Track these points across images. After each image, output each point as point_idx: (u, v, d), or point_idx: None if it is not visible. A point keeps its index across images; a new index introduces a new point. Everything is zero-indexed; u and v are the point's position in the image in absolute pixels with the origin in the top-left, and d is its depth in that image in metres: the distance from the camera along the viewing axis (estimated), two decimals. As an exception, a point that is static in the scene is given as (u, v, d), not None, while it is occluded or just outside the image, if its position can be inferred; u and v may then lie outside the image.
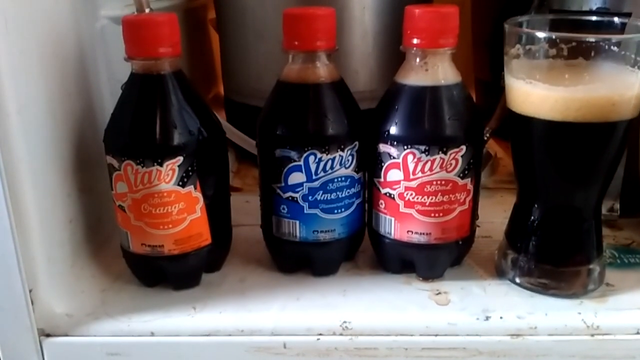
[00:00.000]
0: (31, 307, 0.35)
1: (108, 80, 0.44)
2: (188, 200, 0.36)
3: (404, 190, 0.36)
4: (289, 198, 0.37)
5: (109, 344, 0.36)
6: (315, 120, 0.36)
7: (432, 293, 0.38)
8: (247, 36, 0.56)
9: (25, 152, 0.34)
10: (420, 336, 0.35)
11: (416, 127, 0.35)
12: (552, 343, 0.35)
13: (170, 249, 0.37)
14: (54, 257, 0.37)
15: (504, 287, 0.39)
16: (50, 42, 0.37)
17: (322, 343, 0.35)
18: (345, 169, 0.37)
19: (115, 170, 0.35)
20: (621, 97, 0.32)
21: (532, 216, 0.37)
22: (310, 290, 0.39)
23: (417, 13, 0.35)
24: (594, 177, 0.35)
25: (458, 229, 0.38)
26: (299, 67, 0.37)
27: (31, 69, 0.35)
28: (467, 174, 0.36)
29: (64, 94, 0.38)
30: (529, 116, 0.34)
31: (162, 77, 0.35)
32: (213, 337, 0.36)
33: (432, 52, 0.35)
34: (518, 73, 0.34)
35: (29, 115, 0.34)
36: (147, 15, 0.38)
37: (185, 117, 0.35)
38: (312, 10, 0.36)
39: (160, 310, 0.37)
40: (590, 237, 0.37)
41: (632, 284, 0.39)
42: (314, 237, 0.38)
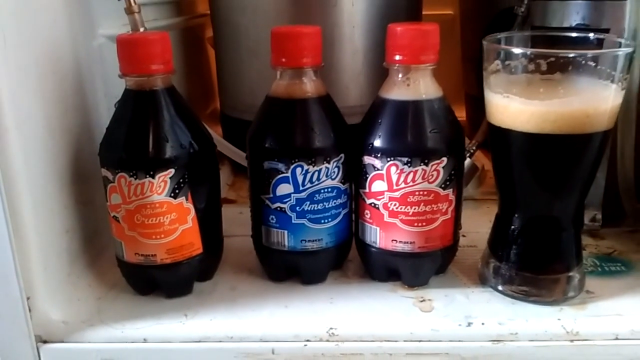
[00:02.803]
0: (29, 314, 0.36)
1: (105, 96, 0.46)
2: (180, 210, 0.37)
3: (388, 200, 0.38)
4: (277, 208, 0.38)
5: (104, 350, 0.37)
6: (302, 134, 0.37)
7: (416, 300, 0.39)
8: (242, 54, 0.58)
9: (23, 165, 0.35)
10: (404, 342, 0.36)
11: (399, 139, 0.37)
12: (533, 349, 0.36)
13: (162, 258, 0.38)
14: (51, 266, 0.38)
15: (487, 294, 0.40)
16: (49, 59, 0.39)
17: (309, 349, 0.36)
18: (332, 180, 0.38)
19: (110, 183, 0.37)
20: (595, 109, 0.34)
21: (513, 225, 0.38)
22: (299, 298, 0.40)
23: (398, 31, 0.36)
24: (571, 187, 0.36)
25: (441, 238, 0.39)
26: (286, 83, 0.38)
27: (30, 85, 0.36)
28: (448, 185, 0.37)
29: (62, 110, 0.40)
30: (507, 128, 0.35)
31: (155, 93, 0.37)
32: (204, 344, 0.37)
33: (414, 68, 0.36)
34: (496, 87, 0.36)
35: (27, 129, 0.36)
36: (140, 34, 0.40)
37: (176, 131, 0.37)
38: (299, 28, 0.37)
39: (153, 318, 0.38)
40: (569, 245, 0.38)
41: (612, 291, 0.40)
42: (302, 247, 0.39)
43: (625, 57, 0.34)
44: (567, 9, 0.45)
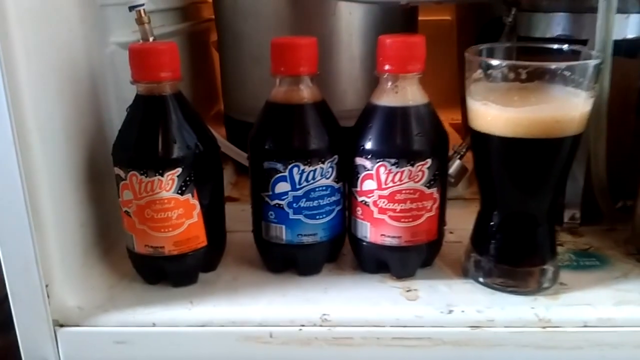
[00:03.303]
0: (47, 300, 0.39)
1: (116, 99, 0.49)
2: (186, 206, 0.41)
3: (377, 198, 0.41)
4: (275, 205, 0.42)
5: (116, 334, 0.40)
6: (298, 136, 0.41)
7: (403, 290, 0.42)
8: (245, 60, 0.61)
9: (43, 164, 0.39)
10: (390, 327, 0.40)
11: (387, 142, 0.40)
12: (508, 334, 0.39)
13: (170, 250, 0.41)
14: (67, 257, 0.41)
15: (468, 285, 0.43)
16: (66, 66, 0.42)
17: (303, 333, 0.40)
18: (326, 179, 0.42)
19: (122, 180, 0.40)
20: (565, 116, 0.37)
21: (492, 222, 0.42)
22: (295, 287, 0.43)
23: (387, 42, 0.39)
24: (545, 186, 0.40)
25: (427, 232, 0.42)
26: (285, 90, 0.41)
27: (49, 91, 0.40)
28: (433, 184, 0.41)
29: (77, 113, 0.43)
30: (485, 133, 0.39)
31: (164, 98, 0.40)
32: (207, 328, 0.40)
33: (401, 76, 0.40)
34: (476, 95, 0.39)
35: (47, 131, 0.39)
36: (150, 44, 0.43)
37: (183, 133, 0.40)
38: (297, 40, 0.41)
39: (161, 304, 0.41)
40: (544, 240, 0.41)
41: (584, 283, 0.43)
42: (298, 240, 0.43)
43: (593, 68, 0.37)
44: (549, 20, 0.48)
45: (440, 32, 0.80)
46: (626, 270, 0.45)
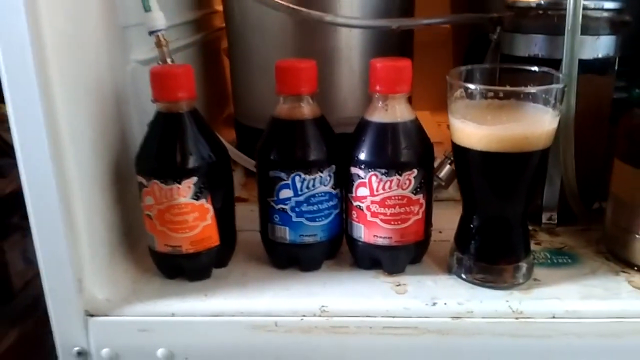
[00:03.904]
0: (79, 293, 0.45)
1: (136, 111, 0.54)
2: (201, 210, 0.46)
3: (370, 203, 0.46)
4: (280, 209, 0.47)
5: (139, 322, 0.46)
6: (300, 149, 0.46)
7: (393, 285, 0.48)
8: (253, 71, 0.67)
9: (76, 173, 0.44)
10: (381, 317, 0.45)
11: (378, 154, 0.45)
12: (485, 324, 0.44)
13: (187, 249, 0.47)
14: (96, 255, 0.47)
15: (452, 280, 0.48)
16: (93, 85, 0.47)
17: (304, 322, 0.45)
18: (325, 186, 0.47)
19: (144, 187, 0.46)
20: (533, 133, 0.42)
21: (473, 224, 0.47)
22: (298, 282, 0.49)
23: (378, 66, 0.45)
24: (517, 194, 0.45)
25: (414, 234, 0.47)
26: (288, 107, 0.47)
27: (80, 108, 0.45)
28: (419, 191, 0.46)
29: (103, 126, 0.49)
30: (464, 146, 0.44)
31: (181, 115, 0.45)
32: (220, 318, 0.46)
33: (390, 96, 0.45)
34: (456, 113, 0.44)
35: (79, 144, 0.45)
36: (168, 68, 0.48)
37: (198, 145, 0.46)
38: (298, 63, 0.46)
39: (178, 297, 0.47)
40: (518, 241, 0.46)
41: (556, 279, 0.48)
42: (300, 240, 0.48)
43: (558, 91, 0.42)
44: (528, 41, 0.53)
45: (437, 38, 0.85)
46: (594, 268, 0.50)
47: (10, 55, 0.40)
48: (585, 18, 0.49)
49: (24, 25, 0.39)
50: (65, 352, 0.47)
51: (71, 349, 0.46)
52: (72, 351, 0.46)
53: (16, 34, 0.39)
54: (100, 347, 0.46)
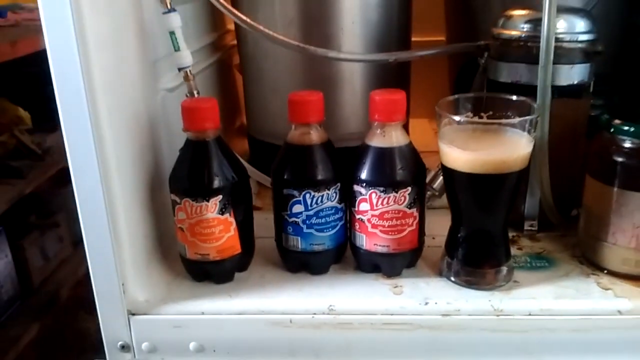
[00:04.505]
0: (123, 295, 0.53)
1: (166, 134, 0.61)
2: (225, 223, 0.54)
3: (370, 217, 0.53)
4: (293, 222, 0.55)
5: (173, 320, 0.53)
6: (309, 170, 0.53)
7: (391, 286, 0.55)
8: (265, 91, 0.74)
9: (119, 192, 0.51)
10: (381, 315, 0.52)
11: (377, 175, 0.52)
12: (470, 321, 0.52)
13: (213, 256, 0.54)
14: (136, 262, 0.54)
15: (442, 282, 0.55)
16: (131, 114, 0.55)
17: (315, 319, 0.53)
18: (331, 202, 0.54)
19: (177, 204, 0.53)
20: (509, 157, 0.49)
21: (460, 234, 0.54)
22: (308, 284, 0.56)
23: (376, 99, 0.52)
24: (497, 209, 0.52)
25: (409, 242, 0.55)
26: (299, 133, 0.54)
27: (121, 135, 0.52)
28: (413, 206, 0.53)
29: (140, 149, 0.56)
30: (451, 168, 0.51)
31: (207, 142, 0.53)
32: (242, 315, 0.53)
33: (387, 124, 0.52)
34: (443, 138, 0.51)
35: (121, 166, 0.52)
36: (197, 102, 0.55)
37: (223, 168, 0.53)
38: (307, 96, 0.53)
39: (207, 297, 0.54)
40: (499, 248, 0.54)
41: (533, 281, 0.55)
42: (310, 248, 0.55)
43: (531, 121, 0.49)
44: (510, 68, 0.59)
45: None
46: (568, 270, 0.57)
47: (65, 92, 0.47)
48: (561, 49, 0.56)
49: (77, 68, 0.46)
50: (111, 346, 0.55)
51: (116, 343, 0.54)
52: (117, 345, 0.54)
53: (71, 75, 0.46)
54: (140, 341, 0.54)
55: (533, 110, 0.51)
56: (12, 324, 1.67)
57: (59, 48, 0.46)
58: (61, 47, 0.46)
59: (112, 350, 0.55)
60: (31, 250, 1.81)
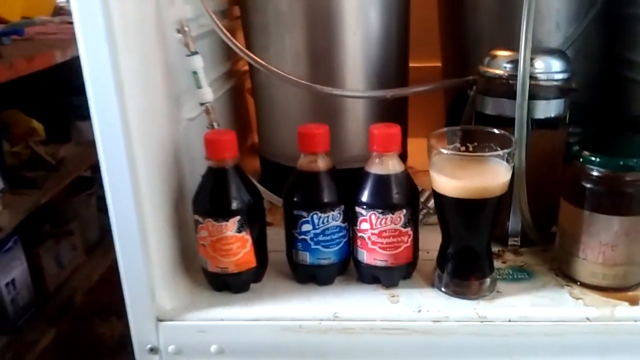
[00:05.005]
0: (153, 303, 0.60)
1: (189, 159, 0.69)
2: (242, 240, 0.61)
3: (370, 235, 0.61)
4: (302, 239, 0.62)
5: (197, 325, 0.61)
6: (317, 194, 0.61)
7: (389, 296, 0.62)
8: (276, 117, 0.81)
9: (150, 211, 0.59)
10: (380, 321, 0.60)
11: (376, 198, 0.60)
12: (457, 326, 0.59)
13: (232, 269, 0.62)
14: (164, 274, 0.62)
15: (434, 293, 0.63)
16: (159, 141, 0.62)
17: (322, 325, 0.60)
18: (336, 221, 0.61)
19: (200, 223, 0.61)
20: (490, 184, 0.56)
21: (449, 250, 0.61)
22: (316, 293, 0.63)
23: (375, 132, 0.59)
24: (480, 229, 0.59)
25: (405, 257, 0.62)
26: (307, 161, 0.61)
27: (151, 162, 0.60)
28: (408, 225, 0.60)
29: (166, 172, 0.63)
30: (440, 193, 0.58)
31: (227, 169, 0.60)
32: (257, 322, 0.60)
33: (385, 154, 0.59)
34: (434, 167, 0.58)
35: (151, 189, 0.59)
36: (218, 134, 0.62)
37: (240, 192, 0.60)
38: (315, 129, 0.60)
39: (226, 305, 0.62)
40: (483, 263, 0.61)
41: (514, 291, 0.62)
42: (317, 262, 0.63)
43: (509, 153, 0.57)
44: (495, 102, 0.66)
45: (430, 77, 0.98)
46: (545, 282, 0.64)
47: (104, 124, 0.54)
48: (538, 86, 0.63)
49: (114, 102, 0.53)
50: (141, 349, 0.62)
51: (145, 346, 0.62)
52: (146, 348, 0.62)
53: (109, 108, 0.53)
54: (167, 344, 0.61)
55: (512, 142, 0.58)
56: (28, 329, 1.74)
57: (98, 84, 0.53)
58: (100, 84, 0.53)
59: (142, 353, 0.62)
60: (46, 258, 1.89)
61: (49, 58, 1.81)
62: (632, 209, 0.59)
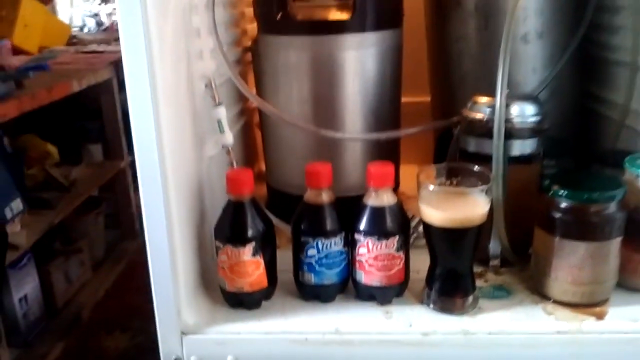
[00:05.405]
0: (178, 319, 0.69)
1: (210, 191, 0.78)
2: (256, 264, 0.70)
3: (367, 258, 0.70)
4: (308, 262, 0.71)
5: (216, 339, 0.70)
6: (320, 223, 0.70)
7: (384, 312, 0.71)
8: (283, 151, 0.91)
9: (178, 238, 0.68)
10: (376, 334, 0.68)
11: (372, 227, 0.69)
12: (444, 338, 0.68)
13: (246, 289, 0.71)
14: (188, 293, 0.71)
15: (423, 309, 0.71)
16: (187, 176, 0.71)
17: (325, 338, 0.69)
18: (337, 247, 0.71)
19: (220, 249, 0.70)
20: (470, 215, 0.66)
21: (436, 271, 0.70)
22: (320, 310, 0.72)
23: (372, 170, 0.68)
24: (463, 254, 0.68)
25: (397, 278, 0.71)
26: (313, 195, 0.71)
27: (180, 194, 0.68)
28: (400, 250, 0.69)
29: (192, 205, 0.72)
30: (428, 223, 0.67)
31: (244, 203, 0.69)
32: (268, 335, 0.69)
33: (380, 189, 0.69)
34: (422, 200, 0.68)
35: (180, 218, 0.68)
36: (237, 173, 0.71)
37: (255, 221, 0.70)
38: (320, 167, 0.70)
39: (241, 320, 0.70)
40: (466, 283, 0.70)
41: (494, 307, 0.71)
42: (321, 282, 0.72)
43: (487, 188, 0.66)
44: (476, 142, 0.75)
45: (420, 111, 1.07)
46: (522, 299, 0.73)
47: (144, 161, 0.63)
48: (513, 128, 0.73)
49: (154, 144, 0.63)
50: (167, 359, 0.71)
51: (171, 356, 0.70)
52: (172, 358, 0.70)
53: (149, 149, 0.62)
54: (190, 355, 0.70)
55: (490, 179, 0.68)
56: (38, 343, 1.82)
57: (142, 131, 0.62)
58: (144, 131, 0.62)
59: (168, 362, 0.71)
60: (56, 275, 1.97)
61: (67, 88, 1.93)
62: (596, 236, 0.68)
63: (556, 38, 0.88)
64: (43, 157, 2.12)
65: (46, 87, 1.81)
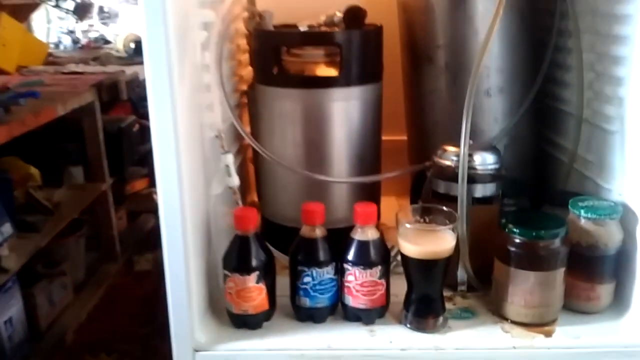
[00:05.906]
0: (192, 338, 0.80)
1: (215, 227, 0.89)
2: (259, 290, 0.81)
3: (355, 285, 0.82)
4: (303, 288, 0.83)
5: (224, 355, 0.80)
6: (314, 255, 0.82)
7: (368, 331, 0.83)
8: (277, 188, 1.02)
9: (193, 267, 0.79)
10: (362, 350, 0.80)
11: (359, 258, 0.81)
12: (419, 353, 0.80)
13: (251, 312, 0.82)
14: (199, 314, 0.81)
15: (401, 328, 0.84)
16: (198, 214, 0.82)
17: (319, 354, 0.80)
18: (329, 275, 0.82)
19: (228, 277, 0.81)
20: (439, 249, 0.79)
21: (412, 296, 0.83)
22: (313, 329, 0.84)
23: (358, 210, 0.81)
24: (434, 281, 0.81)
25: (380, 301, 0.83)
26: (308, 230, 0.83)
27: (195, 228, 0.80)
28: (382, 277, 0.82)
29: (202, 237, 0.84)
30: (405, 254, 0.80)
31: (249, 237, 0.81)
32: (270, 351, 0.80)
33: (365, 226, 0.81)
34: (400, 236, 0.80)
35: (194, 249, 0.79)
36: (243, 211, 0.83)
37: (259, 253, 0.81)
38: (314, 207, 0.82)
39: (245, 339, 0.81)
40: (437, 305, 0.82)
41: (460, 327, 0.84)
42: (314, 306, 0.83)
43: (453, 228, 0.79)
44: (445, 184, 0.88)
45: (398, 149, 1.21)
46: (484, 320, 0.86)
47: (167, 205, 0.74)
48: (476, 174, 0.86)
49: (176, 187, 0.74)
50: (181, 374, 0.81)
51: (184, 371, 0.81)
52: (185, 372, 0.81)
53: (172, 191, 0.74)
54: (201, 369, 0.81)
55: (456, 218, 0.81)
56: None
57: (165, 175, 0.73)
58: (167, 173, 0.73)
59: (182, 377, 0.81)
60: (40, 298, 2.00)
61: (52, 112, 1.96)
62: (543, 267, 0.81)
63: (515, 92, 1.02)
64: (25, 180, 2.12)
65: (33, 112, 1.83)
